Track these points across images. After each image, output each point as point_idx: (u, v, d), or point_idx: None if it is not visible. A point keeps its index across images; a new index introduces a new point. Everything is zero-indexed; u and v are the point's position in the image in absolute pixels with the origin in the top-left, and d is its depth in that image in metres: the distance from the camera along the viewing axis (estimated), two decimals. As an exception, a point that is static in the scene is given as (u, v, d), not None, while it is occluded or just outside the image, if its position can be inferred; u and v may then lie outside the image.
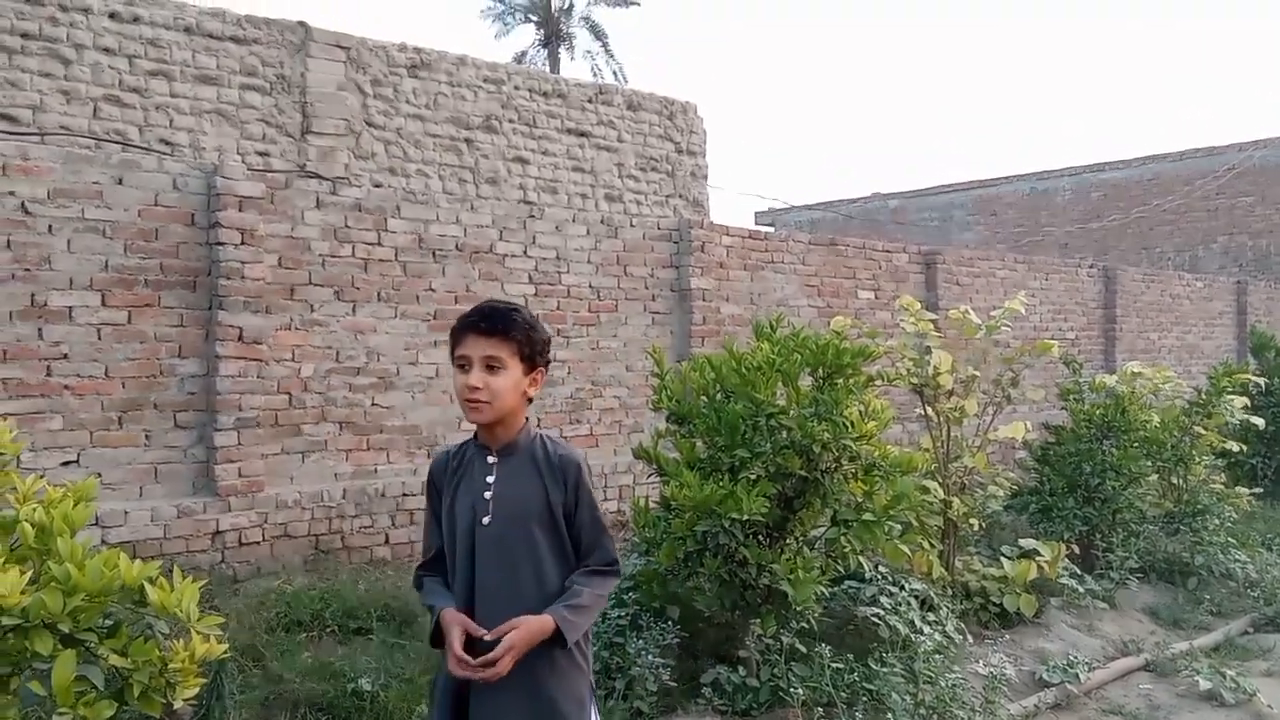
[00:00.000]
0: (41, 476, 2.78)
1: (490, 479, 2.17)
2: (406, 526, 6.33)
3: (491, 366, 2.15)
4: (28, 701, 2.41)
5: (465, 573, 2.19)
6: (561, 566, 2.23)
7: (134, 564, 2.55)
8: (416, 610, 4.83)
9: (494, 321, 2.18)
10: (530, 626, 2.08)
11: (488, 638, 2.07)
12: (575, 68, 35.89)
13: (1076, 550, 6.29)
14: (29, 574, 2.37)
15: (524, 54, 33.76)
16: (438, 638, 2.19)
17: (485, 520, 2.11)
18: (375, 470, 6.37)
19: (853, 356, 4.14)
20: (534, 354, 2.21)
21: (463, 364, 2.18)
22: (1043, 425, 7.54)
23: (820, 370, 4.26)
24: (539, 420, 7.20)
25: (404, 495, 6.34)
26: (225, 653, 2.66)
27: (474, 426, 2.24)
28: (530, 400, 2.26)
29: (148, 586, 2.53)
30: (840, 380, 4.17)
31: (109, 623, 2.55)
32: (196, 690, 2.63)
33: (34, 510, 2.64)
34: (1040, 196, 21.70)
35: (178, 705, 2.64)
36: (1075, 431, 6.58)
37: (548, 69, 30.19)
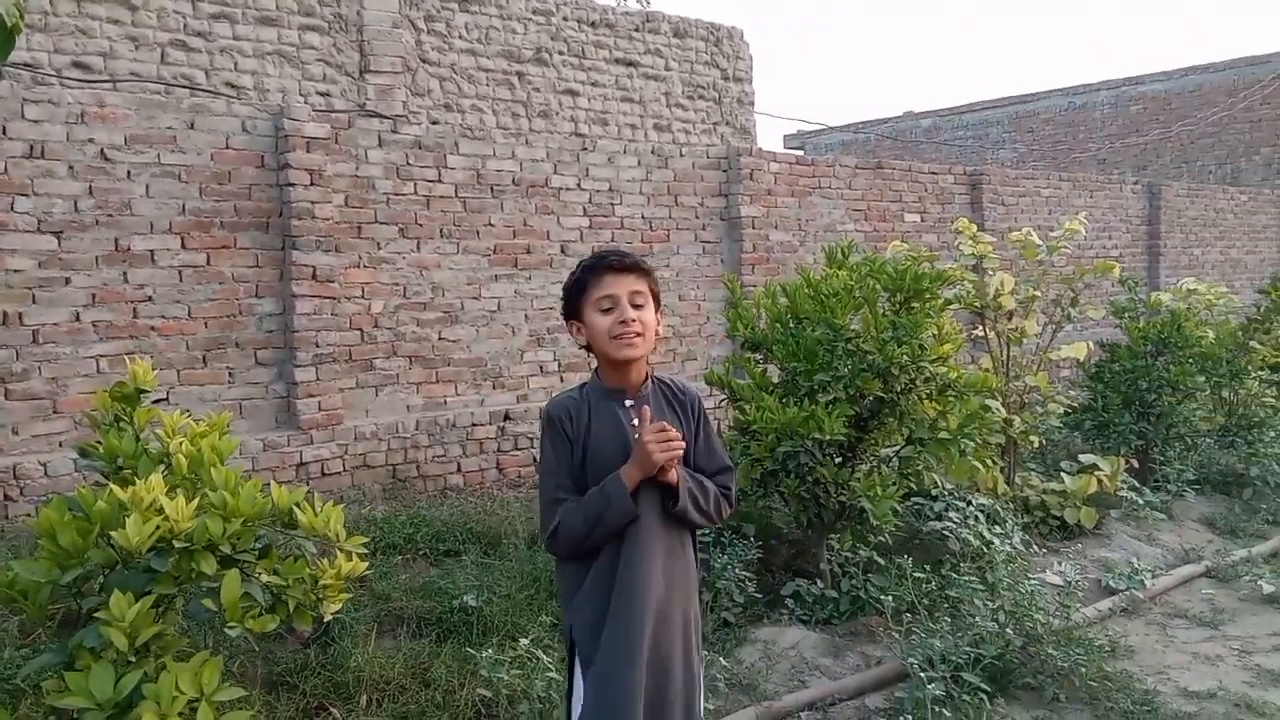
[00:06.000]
0: (185, 413, 2.97)
1: (635, 422, 2.25)
2: (476, 455, 6.54)
3: (638, 303, 2.27)
4: (199, 616, 2.62)
5: None
6: None
7: (283, 490, 2.75)
8: (502, 531, 5.05)
9: (628, 258, 2.32)
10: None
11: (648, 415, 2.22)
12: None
13: (1135, 464, 6.42)
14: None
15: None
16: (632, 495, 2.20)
17: None
18: (445, 402, 6.57)
19: (931, 281, 4.23)
20: (659, 294, 2.39)
21: (607, 305, 2.25)
22: (1097, 343, 7.60)
23: (898, 295, 4.35)
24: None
25: (473, 425, 6.55)
26: (368, 569, 2.87)
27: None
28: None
29: (297, 510, 2.73)
30: (918, 304, 4.26)
31: (261, 545, 2.75)
32: (341, 605, 2.86)
33: (182, 443, 2.83)
34: (1078, 112, 21.25)
35: (308, 624, 2.86)
36: (1131, 349, 6.65)
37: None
